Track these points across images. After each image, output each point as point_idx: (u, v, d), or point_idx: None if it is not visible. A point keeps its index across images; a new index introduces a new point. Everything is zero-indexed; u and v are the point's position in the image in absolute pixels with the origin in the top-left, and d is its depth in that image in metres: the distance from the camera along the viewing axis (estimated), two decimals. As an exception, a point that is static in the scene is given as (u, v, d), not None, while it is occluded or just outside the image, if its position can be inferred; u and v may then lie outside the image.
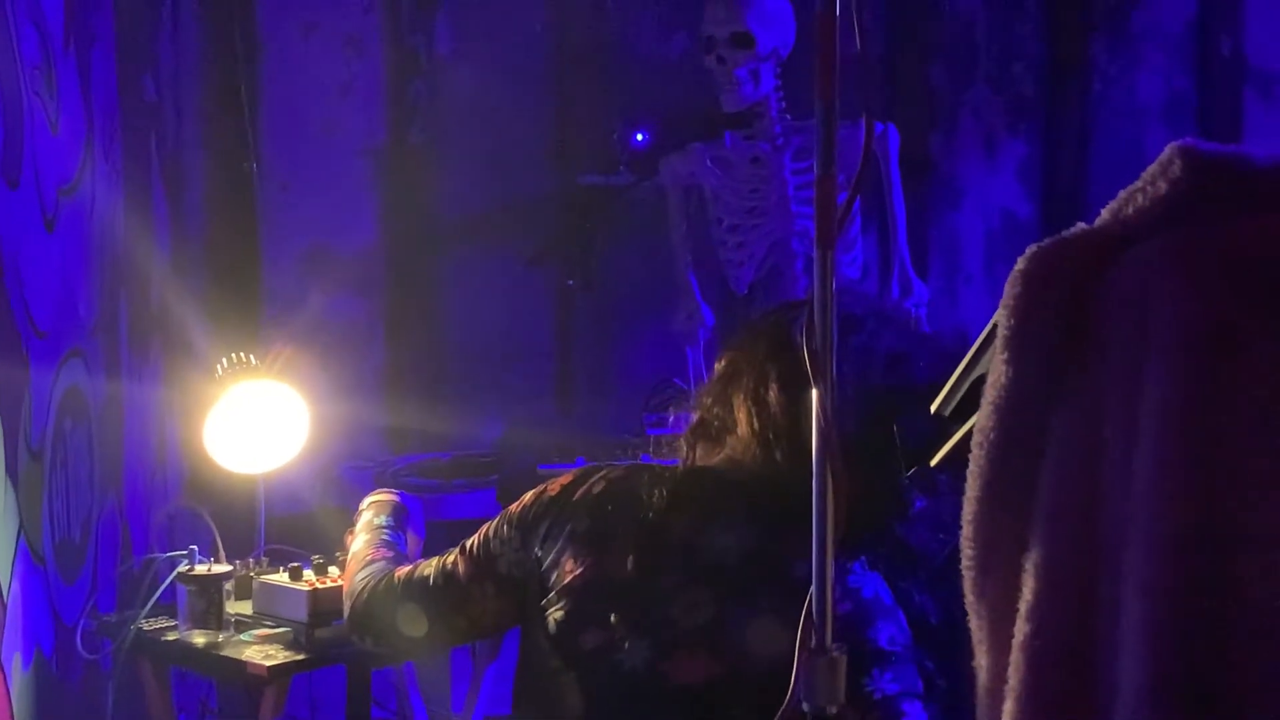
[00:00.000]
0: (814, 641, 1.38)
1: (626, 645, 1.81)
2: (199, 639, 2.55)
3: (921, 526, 1.82)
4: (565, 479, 1.97)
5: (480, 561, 2.00)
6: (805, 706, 1.39)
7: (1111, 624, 1.15)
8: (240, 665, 2.47)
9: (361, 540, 2.29)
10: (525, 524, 1.96)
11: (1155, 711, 1.10)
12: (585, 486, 1.94)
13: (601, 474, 1.96)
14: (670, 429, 3.62)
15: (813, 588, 1.39)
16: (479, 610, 2.01)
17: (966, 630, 1.30)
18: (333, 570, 2.58)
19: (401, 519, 2.38)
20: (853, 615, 1.78)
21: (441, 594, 2.03)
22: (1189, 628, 1.09)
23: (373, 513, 2.38)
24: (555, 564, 1.90)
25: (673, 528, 1.86)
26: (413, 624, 2.07)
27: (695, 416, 1.97)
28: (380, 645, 2.20)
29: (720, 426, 1.93)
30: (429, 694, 3.03)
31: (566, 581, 1.87)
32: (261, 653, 2.49)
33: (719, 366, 1.97)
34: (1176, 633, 1.10)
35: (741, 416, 1.89)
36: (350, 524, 2.42)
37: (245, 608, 2.63)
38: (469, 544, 2.03)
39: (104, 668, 2.74)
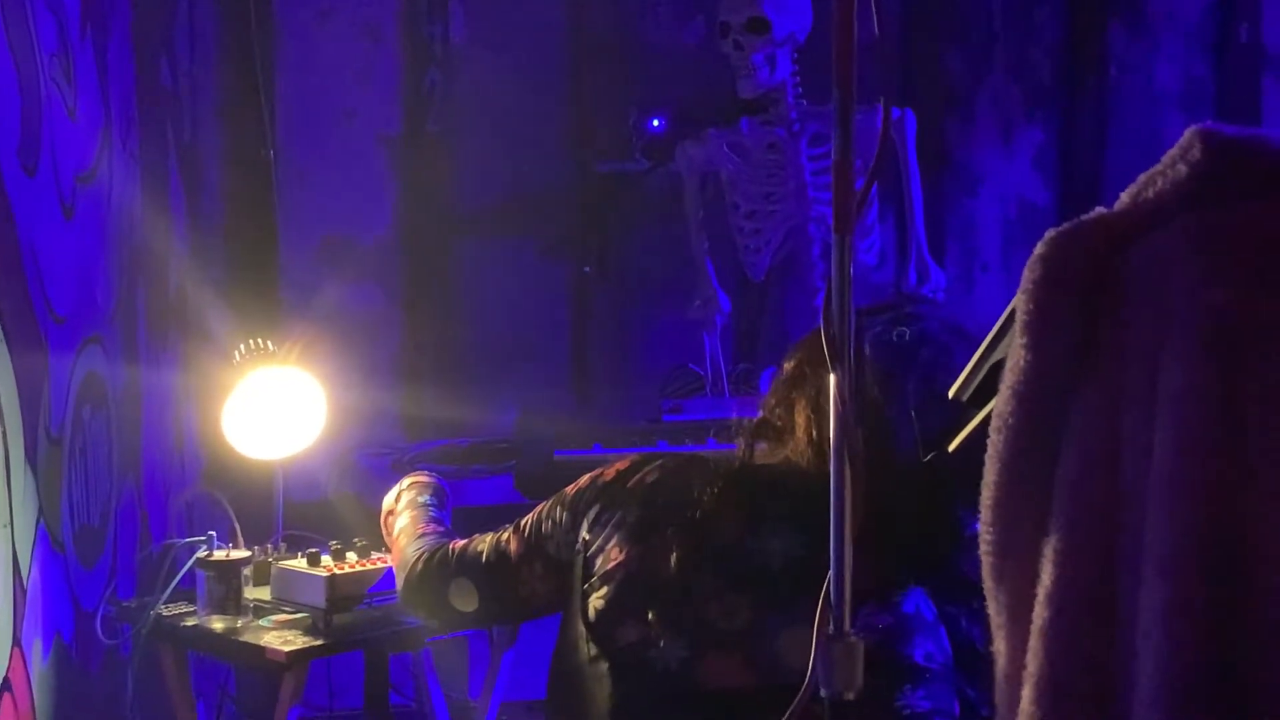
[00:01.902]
0: (831, 627, 1.38)
1: (662, 644, 1.80)
2: (218, 624, 2.56)
3: (975, 552, 1.79)
4: (621, 464, 1.98)
5: (531, 541, 2.02)
6: (823, 692, 1.39)
7: (1131, 609, 1.15)
8: (259, 650, 2.48)
9: (407, 516, 2.31)
10: (577, 506, 1.97)
11: (1174, 696, 1.10)
12: (640, 475, 1.94)
13: (658, 463, 1.96)
14: (686, 416, 3.62)
15: (830, 572, 1.39)
16: (528, 590, 2.02)
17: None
18: (350, 556, 2.59)
19: (443, 499, 2.40)
20: (891, 629, 1.76)
21: (493, 570, 2.05)
22: (1208, 613, 1.09)
23: (415, 491, 2.39)
24: (601, 549, 1.90)
25: (719, 528, 1.85)
26: (464, 599, 2.09)
27: (759, 414, 1.96)
28: (431, 619, 2.22)
29: (782, 427, 1.92)
30: (447, 680, 3.03)
31: (609, 568, 1.87)
32: (280, 638, 2.50)
33: (787, 367, 1.95)
34: (1195, 617, 1.09)
35: (800, 421, 1.88)
36: (373, 506, 2.44)
37: (263, 593, 2.64)
38: (523, 522, 2.05)
39: (123, 653, 2.75)
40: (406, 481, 2.45)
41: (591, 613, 1.86)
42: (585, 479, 1.99)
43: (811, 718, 1.42)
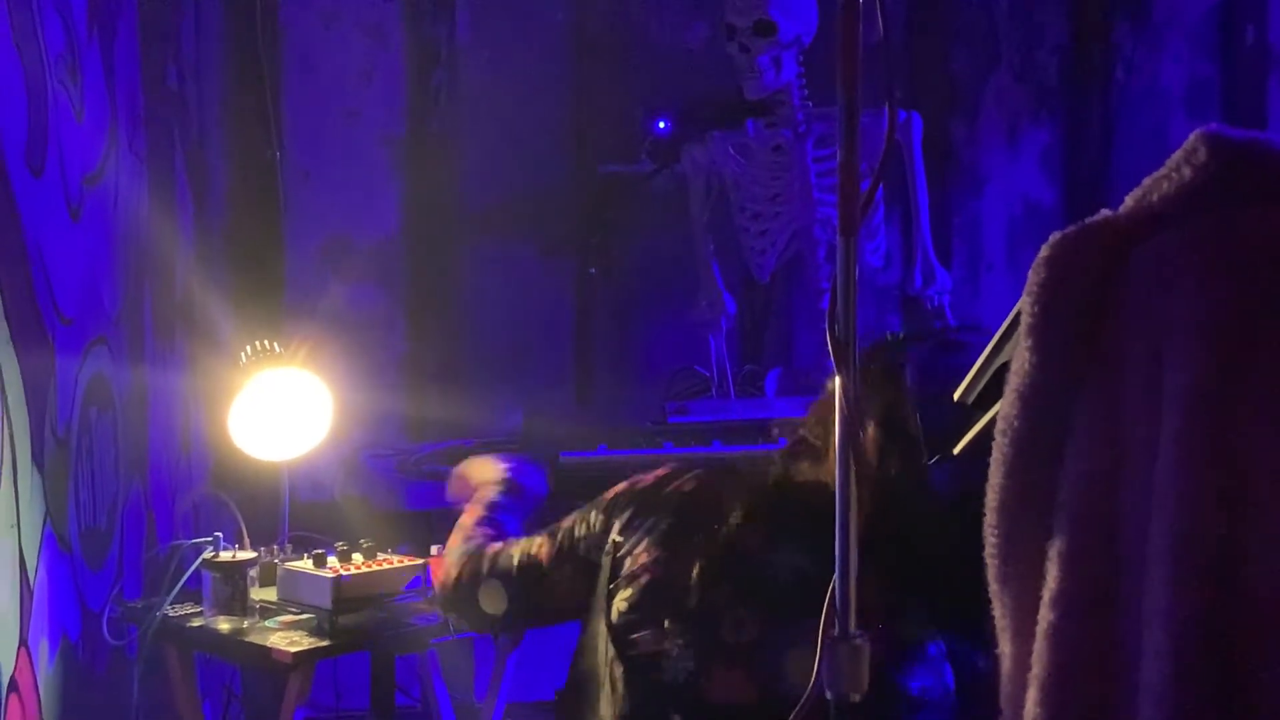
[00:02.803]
0: (836, 629, 1.38)
1: (674, 654, 1.81)
2: (224, 625, 2.57)
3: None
4: (662, 471, 2.00)
5: (564, 545, 2.04)
6: (828, 695, 1.39)
7: (1135, 611, 1.15)
8: (265, 651, 2.49)
9: (469, 516, 2.33)
10: (612, 510, 1.99)
11: (1179, 698, 1.10)
12: (676, 483, 1.96)
13: (695, 473, 1.98)
14: (692, 418, 3.62)
15: (835, 576, 1.38)
16: (557, 593, 2.04)
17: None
18: (356, 557, 2.59)
19: (518, 492, 2.41)
20: (889, 657, 1.75)
21: (523, 574, 2.08)
22: (1211, 615, 1.10)
23: (485, 490, 2.40)
24: (629, 552, 1.91)
25: (741, 542, 1.86)
26: (493, 601, 2.11)
27: (798, 432, 1.96)
28: (463, 621, 2.25)
29: (819, 447, 1.91)
30: (452, 681, 3.03)
31: (634, 569, 1.89)
32: (286, 639, 2.51)
33: (828, 387, 1.94)
34: (1199, 619, 1.10)
35: (835, 444, 1.88)
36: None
37: (270, 594, 2.64)
38: (556, 528, 2.07)
39: (130, 654, 2.76)
40: (478, 473, 2.47)
41: (615, 614, 1.88)
42: (623, 484, 2.02)
43: None
